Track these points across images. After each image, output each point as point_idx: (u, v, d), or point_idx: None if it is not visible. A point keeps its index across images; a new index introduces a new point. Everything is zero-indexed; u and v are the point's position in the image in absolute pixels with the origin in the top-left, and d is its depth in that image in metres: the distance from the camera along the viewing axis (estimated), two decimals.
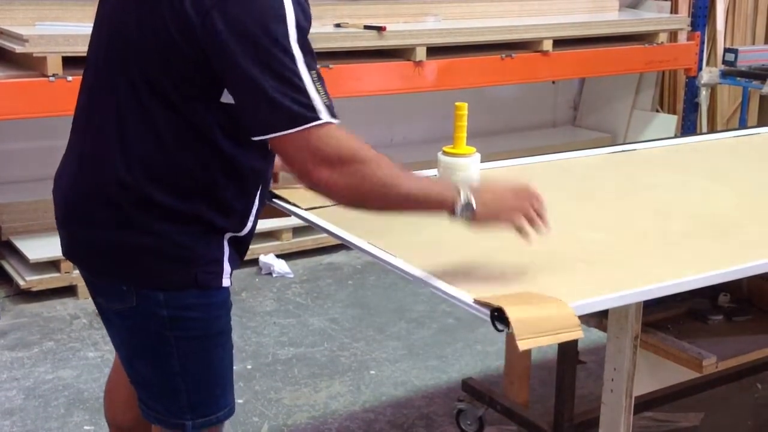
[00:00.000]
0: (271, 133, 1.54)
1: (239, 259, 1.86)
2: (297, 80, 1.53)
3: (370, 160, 1.59)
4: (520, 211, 1.71)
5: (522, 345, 1.48)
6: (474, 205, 1.64)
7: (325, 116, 1.55)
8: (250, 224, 1.80)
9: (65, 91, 3.46)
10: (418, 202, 1.64)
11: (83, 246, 1.76)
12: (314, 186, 1.60)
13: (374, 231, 2.00)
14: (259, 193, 1.80)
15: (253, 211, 1.80)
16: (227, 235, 1.76)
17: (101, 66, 1.71)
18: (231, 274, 1.80)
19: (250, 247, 1.89)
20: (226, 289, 1.78)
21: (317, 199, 2.17)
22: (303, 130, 1.53)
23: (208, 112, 1.62)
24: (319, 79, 1.56)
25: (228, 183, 1.69)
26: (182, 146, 1.64)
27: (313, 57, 1.58)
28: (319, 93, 1.55)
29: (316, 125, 1.54)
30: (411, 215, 1.68)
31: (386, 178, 1.60)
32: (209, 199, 1.69)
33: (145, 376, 1.82)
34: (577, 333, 1.54)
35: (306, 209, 2.14)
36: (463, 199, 1.64)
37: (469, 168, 2.12)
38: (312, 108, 1.53)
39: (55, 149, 3.88)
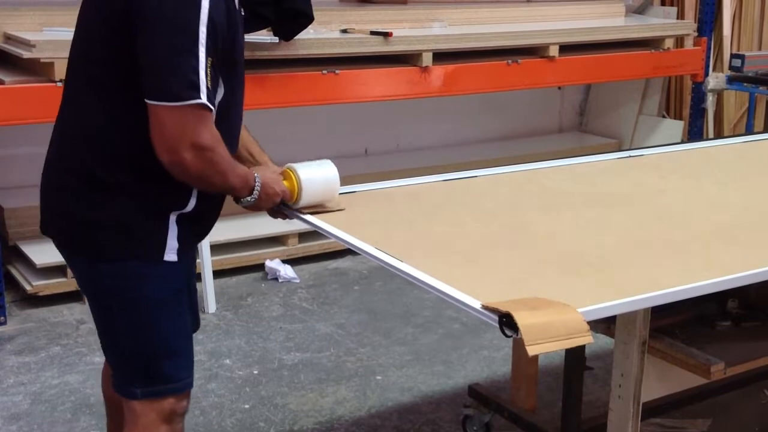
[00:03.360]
0: (159, 99, 1.71)
1: (195, 237, 2.00)
2: (193, 59, 1.69)
3: (221, 151, 1.81)
4: (269, 207, 2.08)
5: (531, 350, 1.47)
6: (251, 203, 1.99)
7: (203, 98, 1.71)
8: (193, 201, 1.91)
9: None
10: (227, 190, 1.93)
11: (47, 219, 1.96)
12: (172, 164, 1.76)
13: (380, 236, 2.00)
14: None
15: (193, 189, 1.90)
16: (173, 214, 1.89)
17: (72, 57, 1.94)
18: (179, 251, 1.91)
19: (256, 252, 2.01)
20: (171, 264, 1.90)
21: (320, 204, 2.18)
22: (183, 106, 1.71)
23: (136, 90, 1.77)
24: (212, 67, 1.73)
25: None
26: (116, 121, 1.82)
27: (215, 48, 1.75)
28: (206, 77, 1.71)
29: (194, 104, 1.71)
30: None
31: (225, 170, 1.84)
32: (143, 171, 1.82)
33: (103, 346, 2.00)
34: (586, 338, 1.54)
35: (310, 213, 2.14)
36: (249, 198, 1.97)
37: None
38: (197, 88, 1.70)
39: None
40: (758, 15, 6.02)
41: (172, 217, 1.89)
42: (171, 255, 1.89)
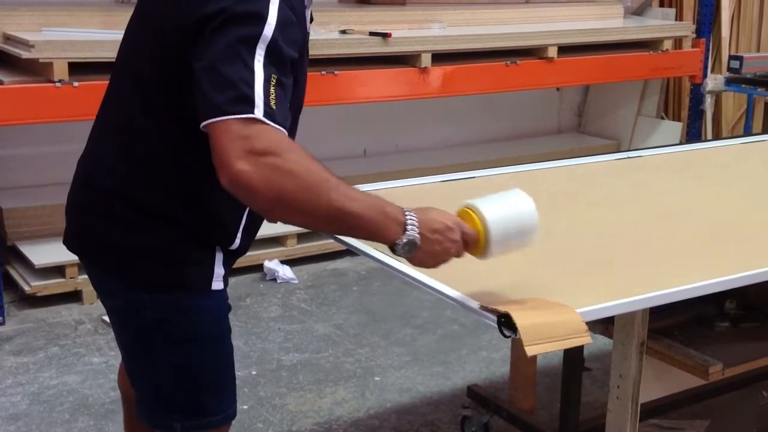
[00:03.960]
0: (206, 118, 1.48)
1: (231, 265, 1.84)
2: (248, 73, 1.48)
3: (294, 157, 1.48)
4: (450, 256, 1.59)
5: (530, 351, 1.47)
6: (414, 242, 1.53)
7: (258, 113, 1.46)
8: (238, 241, 1.77)
9: (71, 97, 3.47)
10: (350, 220, 1.51)
11: (78, 236, 1.81)
12: (231, 181, 1.47)
13: None
14: (248, 211, 1.76)
15: (241, 227, 1.77)
16: (218, 250, 1.75)
17: (119, 68, 1.77)
18: (224, 278, 1.77)
19: (255, 252, 1.88)
20: (218, 292, 1.76)
21: None
22: (232, 119, 1.46)
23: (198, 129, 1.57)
24: (277, 84, 1.51)
25: (213, 195, 1.65)
26: (175, 154, 1.66)
27: (283, 63, 1.55)
28: (265, 94, 1.48)
29: (246, 118, 1.46)
30: (342, 235, 1.60)
31: (313, 182, 1.47)
32: (196, 207, 1.69)
33: (136, 374, 1.85)
34: (584, 339, 1.53)
35: None
36: (406, 238, 1.52)
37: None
38: (250, 102, 1.47)
39: (60, 155, 3.89)
40: (757, 16, 6.03)
41: (218, 251, 1.75)
42: (218, 283, 1.75)
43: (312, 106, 4.40)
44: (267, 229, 4.41)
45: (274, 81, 1.50)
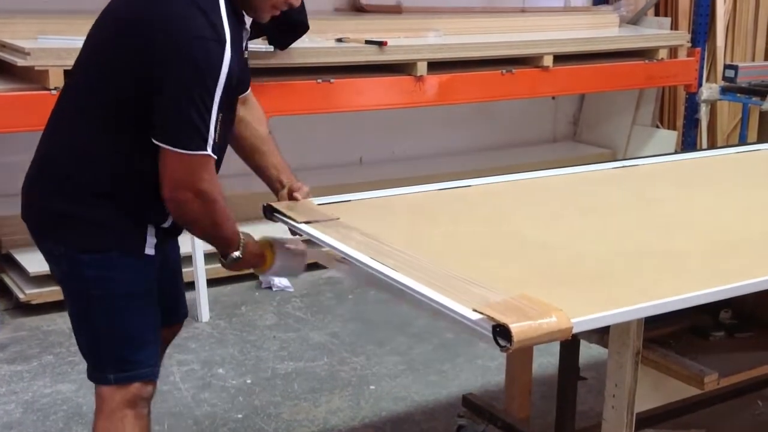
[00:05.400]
0: (172, 145, 1.87)
1: (171, 236, 2.15)
2: (207, 117, 1.87)
3: (221, 204, 1.98)
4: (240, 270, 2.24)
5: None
6: (233, 262, 2.12)
7: (209, 150, 1.90)
8: (170, 220, 2.05)
9: None
10: (217, 242, 2.09)
11: (30, 211, 2.08)
12: (174, 200, 1.92)
13: (374, 245, 2.00)
14: None
15: None
16: (151, 225, 2.04)
17: (75, 73, 2.07)
18: (156, 246, 2.06)
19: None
20: (150, 257, 2.05)
21: (313, 214, 2.18)
22: (193, 154, 1.88)
23: (140, 132, 1.92)
24: (221, 122, 1.91)
25: (144, 181, 1.96)
26: (110, 145, 1.95)
27: (227, 103, 1.94)
28: (215, 132, 1.89)
29: (201, 154, 1.89)
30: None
31: (221, 223, 2.01)
32: (127, 189, 1.98)
33: (80, 339, 2.11)
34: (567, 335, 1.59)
35: (302, 222, 2.13)
36: (232, 256, 2.10)
37: None
38: (206, 140, 1.89)
39: None
40: (752, 26, 6.05)
41: (150, 226, 2.05)
42: (150, 249, 2.04)
43: (308, 114, 4.44)
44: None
45: (219, 118, 1.90)
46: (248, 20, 2.06)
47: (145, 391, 2.08)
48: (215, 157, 1.92)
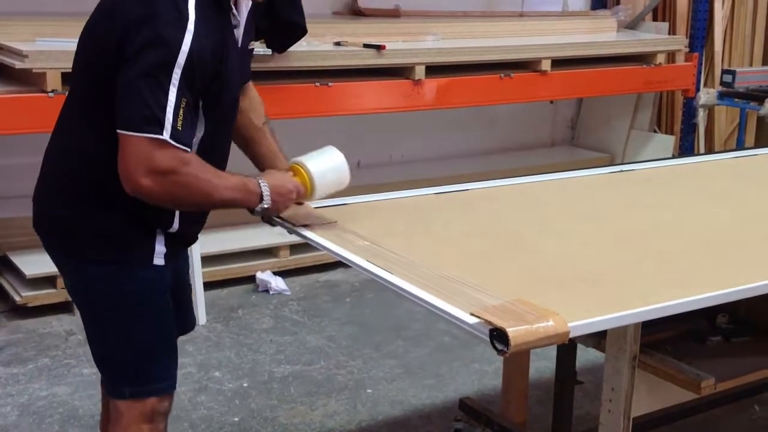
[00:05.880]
0: (123, 128, 1.77)
1: (182, 244, 2.11)
2: (163, 96, 1.75)
3: (190, 170, 1.81)
4: (287, 207, 2.10)
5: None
6: (267, 209, 1.99)
7: (166, 135, 1.76)
8: (176, 224, 1.98)
9: None
10: (228, 205, 1.95)
11: (40, 221, 2.02)
12: (134, 191, 1.80)
13: (371, 248, 2.00)
14: None
15: (177, 213, 1.97)
16: (159, 232, 1.97)
17: (73, 77, 2.04)
18: (166, 256, 1.98)
19: (247, 263, 2.03)
20: (159, 267, 1.97)
21: (311, 218, 2.18)
22: (144, 137, 1.76)
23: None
24: (187, 107, 1.79)
25: None
26: (104, 147, 1.85)
27: (193, 89, 1.80)
28: (176, 117, 1.77)
29: (153, 137, 1.76)
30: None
31: (205, 188, 1.86)
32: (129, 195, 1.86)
33: (93, 351, 2.06)
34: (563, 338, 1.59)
35: (300, 226, 2.13)
36: (262, 205, 1.97)
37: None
38: (160, 124, 1.75)
39: None
40: (749, 31, 6.06)
41: (159, 233, 1.98)
42: (159, 259, 1.97)
43: (306, 117, 4.43)
44: (260, 240, 4.43)
45: (184, 104, 1.78)
46: (245, 10, 1.99)
47: (161, 405, 2.03)
48: (177, 145, 1.78)
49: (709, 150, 5.87)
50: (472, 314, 1.61)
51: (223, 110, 2.00)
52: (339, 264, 4.32)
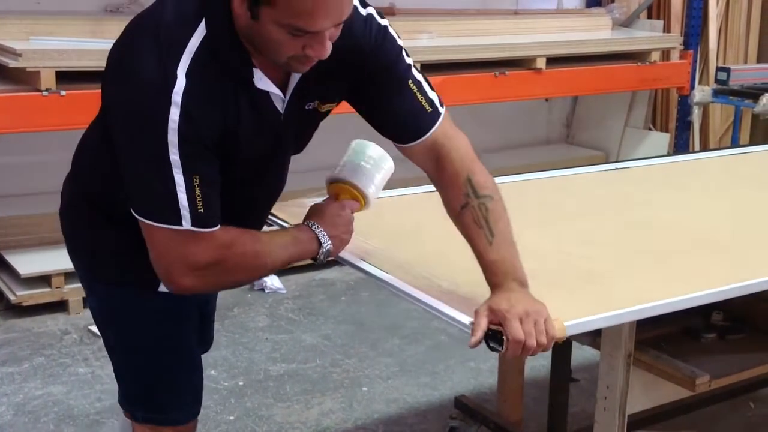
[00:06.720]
0: (138, 215, 1.57)
1: None
2: (170, 183, 1.50)
3: (233, 253, 1.60)
4: (350, 229, 1.85)
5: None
6: (331, 249, 1.78)
7: (187, 224, 1.52)
8: None
9: (58, 106, 3.45)
10: (285, 264, 1.72)
11: (64, 235, 1.90)
12: (179, 292, 1.63)
13: (367, 247, 1.99)
14: None
15: None
16: None
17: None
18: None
19: None
20: (166, 295, 1.73)
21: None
22: (165, 228, 1.53)
23: None
24: (202, 184, 1.52)
25: None
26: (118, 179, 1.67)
27: (196, 164, 1.52)
28: (193, 202, 1.51)
29: (177, 229, 1.53)
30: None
31: (256, 262, 1.66)
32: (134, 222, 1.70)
33: (112, 364, 1.96)
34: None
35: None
36: (324, 249, 1.76)
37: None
38: (177, 215, 1.52)
39: (47, 164, 3.87)
40: (744, 28, 6.06)
41: None
42: (164, 287, 1.74)
43: None
44: None
45: (197, 181, 1.51)
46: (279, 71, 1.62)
47: None
48: (207, 231, 1.54)
49: (704, 148, 5.87)
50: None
51: (246, 169, 1.72)
52: (334, 262, 4.32)
